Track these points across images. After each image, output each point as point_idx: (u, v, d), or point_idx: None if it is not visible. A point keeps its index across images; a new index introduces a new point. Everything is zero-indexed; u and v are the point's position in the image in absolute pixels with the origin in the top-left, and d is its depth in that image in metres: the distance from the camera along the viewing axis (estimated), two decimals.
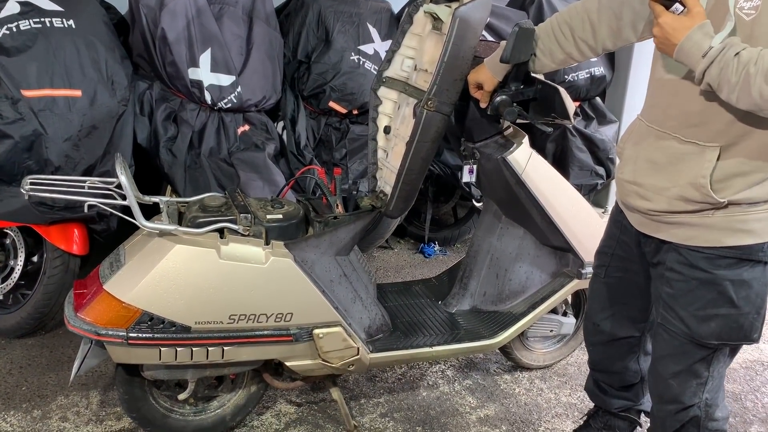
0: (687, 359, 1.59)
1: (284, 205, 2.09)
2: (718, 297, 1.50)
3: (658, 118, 1.54)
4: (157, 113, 2.88)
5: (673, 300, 1.56)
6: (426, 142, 1.96)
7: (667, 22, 1.37)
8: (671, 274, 1.56)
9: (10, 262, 2.67)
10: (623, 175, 1.63)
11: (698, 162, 1.44)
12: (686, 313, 1.54)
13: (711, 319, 1.52)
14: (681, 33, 1.35)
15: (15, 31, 2.41)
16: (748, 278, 1.48)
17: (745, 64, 1.26)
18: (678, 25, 1.36)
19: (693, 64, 1.35)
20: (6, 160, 2.37)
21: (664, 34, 1.38)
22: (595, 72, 3.61)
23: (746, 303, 1.50)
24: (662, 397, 1.69)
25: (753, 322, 1.53)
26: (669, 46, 1.38)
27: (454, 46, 1.86)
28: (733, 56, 1.28)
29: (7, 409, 2.27)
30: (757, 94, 1.26)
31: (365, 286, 2.17)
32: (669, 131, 1.50)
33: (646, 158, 1.56)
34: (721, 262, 1.48)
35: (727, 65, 1.28)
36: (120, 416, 2.25)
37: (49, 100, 2.41)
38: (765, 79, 1.24)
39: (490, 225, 2.45)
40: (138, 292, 1.81)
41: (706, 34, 1.33)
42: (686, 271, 1.53)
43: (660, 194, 1.52)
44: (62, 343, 2.68)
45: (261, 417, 2.31)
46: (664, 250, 1.58)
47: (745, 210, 1.44)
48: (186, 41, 2.83)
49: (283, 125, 3.29)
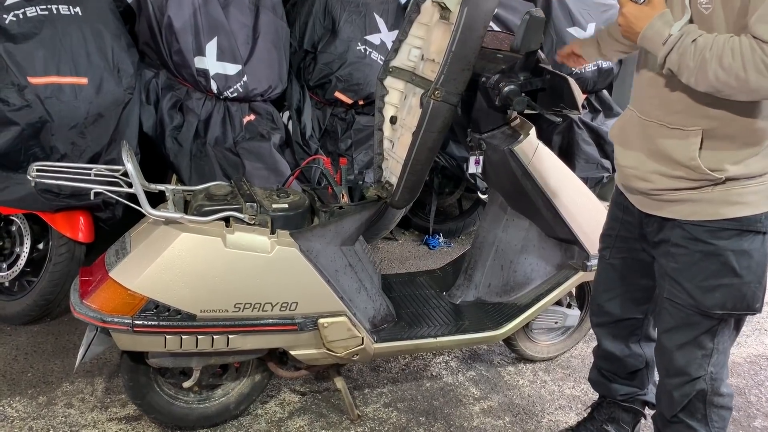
0: (693, 330, 1.66)
1: (290, 195, 2.09)
2: (721, 267, 1.57)
3: (645, 109, 1.64)
4: (163, 102, 2.87)
5: (678, 273, 1.64)
6: (432, 133, 1.95)
7: (630, 12, 1.49)
8: (676, 249, 1.63)
9: (16, 249, 2.68)
10: (622, 161, 1.72)
11: (685, 145, 1.54)
12: (691, 285, 1.61)
13: (715, 290, 1.59)
14: (643, 21, 1.46)
15: (22, 17, 2.40)
16: (748, 248, 1.56)
17: (701, 50, 1.36)
18: (640, 14, 1.47)
19: (655, 50, 1.46)
20: (12, 147, 2.37)
21: (628, 23, 1.49)
22: (603, 64, 3.59)
23: (748, 272, 1.57)
24: (668, 370, 1.74)
25: (755, 291, 1.60)
26: (633, 34, 1.49)
27: (462, 36, 1.85)
28: (691, 42, 1.38)
29: (12, 395, 2.28)
30: (713, 77, 1.35)
31: (370, 276, 2.17)
32: (656, 120, 1.60)
33: (641, 146, 1.65)
34: (723, 234, 1.56)
35: (686, 51, 1.39)
36: (125, 403, 2.26)
37: (55, 87, 2.40)
38: (719, 63, 1.34)
39: (495, 216, 2.45)
40: (143, 279, 1.82)
41: (666, 23, 1.43)
42: (690, 244, 1.60)
43: (661, 175, 1.60)
44: (67, 330, 2.69)
45: (265, 406, 2.32)
46: (668, 228, 1.65)
47: (743, 184, 1.52)
48: (192, 30, 2.82)
49: (289, 115, 3.28)
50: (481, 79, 2.11)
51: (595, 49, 2.04)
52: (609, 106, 3.80)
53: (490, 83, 2.07)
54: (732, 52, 1.33)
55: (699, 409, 1.72)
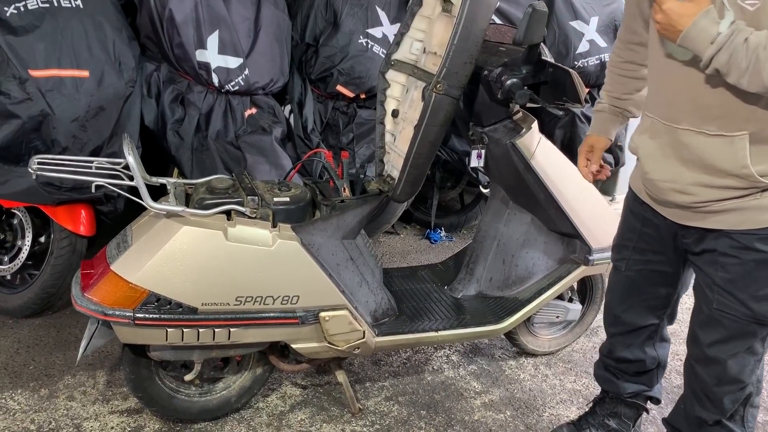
0: (747, 339, 1.61)
1: (291, 188, 2.09)
2: None
3: (675, 116, 1.53)
4: (164, 95, 2.87)
5: (730, 284, 1.58)
6: (434, 126, 1.95)
7: (672, 8, 1.39)
8: (726, 259, 1.57)
9: (18, 242, 2.68)
10: (655, 174, 1.61)
11: (732, 152, 1.45)
12: (746, 295, 1.56)
13: None
14: (687, 19, 1.36)
15: (23, 10, 2.40)
16: None
17: (754, 49, 1.30)
18: (683, 11, 1.37)
19: (700, 50, 1.37)
20: (13, 140, 2.37)
21: (669, 20, 1.39)
22: (605, 58, 3.58)
23: None
24: (721, 379, 1.69)
25: None
26: (674, 33, 1.40)
27: (465, 29, 1.84)
28: (743, 41, 1.31)
29: (14, 387, 2.29)
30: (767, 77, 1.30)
31: (371, 270, 2.17)
32: (691, 127, 1.50)
33: (674, 156, 1.55)
34: None
35: (737, 50, 1.31)
36: (126, 396, 2.26)
37: (56, 80, 2.40)
38: None
39: (497, 210, 2.44)
40: (145, 272, 1.82)
41: (712, 20, 1.35)
42: (741, 254, 1.54)
43: (703, 186, 1.52)
44: (69, 323, 2.69)
45: (266, 399, 2.33)
46: (712, 238, 1.59)
47: None
48: (194, 23, 2.81)
49: (290, 109, 3.28)
50: (483, 72, 2.11)
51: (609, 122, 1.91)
52: None
53: (493, 76, 2.07)
54: None
55: (739, 411, 1.72)
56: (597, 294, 2.65)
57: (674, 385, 2.59)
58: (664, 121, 1.56)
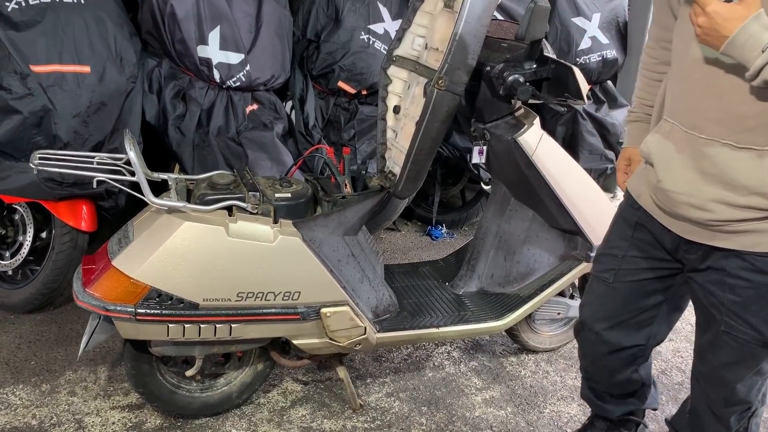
0: (756, 362, 1.53)
1: (293, 184, 2.09)
2: None
3: (699, 124, 1.39)
4: (165, 91, 2.87)
5: (741, 308, 1.47)
6: (436, 122, 1.94)
7: (717, 12, 1.23)
8: (736, 281, 1.45)
9: (19, 237, 2.68)
10: (668, 185, 1.47)
11: (759, 168, 1.33)
12: (758, 320, 1.46)
13: None
14: (734, 24, 1.21)
15: (24, 5, 2.39)
16: None
17: None
18: (730, 14, 1.22)
19: (749, 58, 1.22)
20: (15, 135, 2.37)
21: (713, 25, 1.24)
22: (607, 55, 3.57)
23: None
24: (728, 400, 1.62)
25: None
26: (718, 39, 1.24)
27: (467, 25, 1.83)
28: None
29: (16, 383, 2.29)
30: None
31: (373, 266, 2.17)
32: (717, 138, 1.36)
33: (693, 167, 1.41)
34: None
35: None
36: (127, 392, 2.27)
37: (58, 75, 2.40)
38: None
39: (498, 207, 2.44)
40: (146, 268, 1.82)
41: (763, 26, 1.20)
42: (755, 277, 1.43)
43: (723, 204, 1.39)
44: (70, 318, 2.69)
45: (267, 395, 2.33)
46: (720, 257, 1.47)
47: None
48: (195, 18, 2.81)
49: (292, 105, 3.27)
50: (485, 68, 2.10)
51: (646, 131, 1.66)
52: (613, 97, 3.78)
53: (494, 72, 2.06)
54: None
55: (743, 425, 1.67)
56: None
57: (675, 382, 2.59)
58: (687, 129, 1.42)
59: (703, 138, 1.38)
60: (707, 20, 1.25)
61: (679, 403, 2.44)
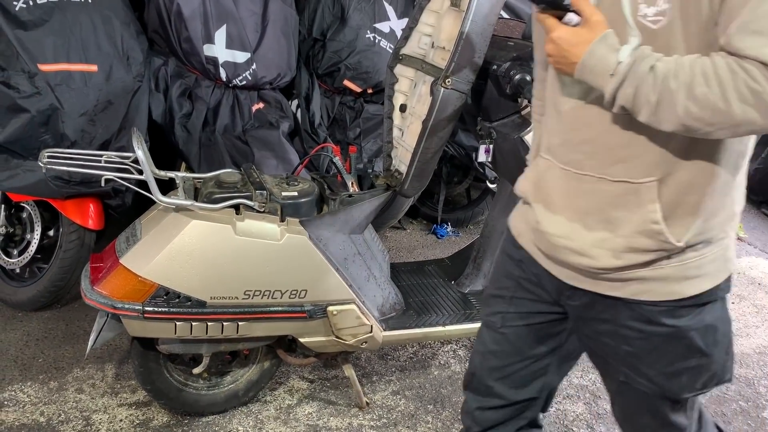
0: (660, 414, 1.37)
1: (299, 183, 2.09)
2: (686, 350, 1.27)
3: (573, 158, 1.24)
4: (172, 90, 2.88)
5: (636, 359, 1.31)
6: (442, 121, 1.95)
7: (561, 37, 1.13)
8: (627, 332, 1.29)
9: (27, 235, 2.70)
10: (543, 225, 1.31)
11: (638, 204, 1.17)
12: (653, 372, 1.30)
13: (681, 374, 1.29)
14: (580, 48, 1.10)
15: (32, 4, 2.40)
16: (712, 321, 1.26)
17: (663, 78, 1.02)
18: (576, 39, 1.11)
19: (601, 84, 1.10)
20: (23, 134, 2.38)
21: (561, 52, 1.14)
22: None
23: (716, 348, 1.28)
24: None
25: (724, 364, 1.32)
26: (568, 66, 1.14)
27: (473, 24, 1.84)
28: (648, 70, 1.04)
29: (24, 380, 2.30)
30: (683, 113, 1.01)
31: (379, 264, 2.17)
32: (591, 173, 1.21)
33: (572, 207, 1.26)
34: (683, 312, 1.24)
35: (643, 82, 1.04)
36: (135, 389, 2.28)
37: (65, 74, 2.41)
38: (689, 94, 1.00)
39: (504, 205, 2.44)
40: (154, 266, 1.83)
41: (610, 47, 1.08)
42: (645, 327, 1.26)
43: (603, 249, 1.22)
44: (78, 316, 2.71)
45: (274, 392, 2.33)
46: (608, 305, 1.29)
47: (702, 253, 1.20)
48: (201, 17, 2.82)
49: (298, 103, 3.28)
50: (491, 67, 2.10)
51: None
52: None
53: (501, 71, 2.06)
54: (705, 78, 0.99)
55: None
56: None
57: None
58: (563, 165, 1.26)
59: (579, 173, 1.23)
60: (555, 47, 1.15)
61: None
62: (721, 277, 1.23)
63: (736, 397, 2.50)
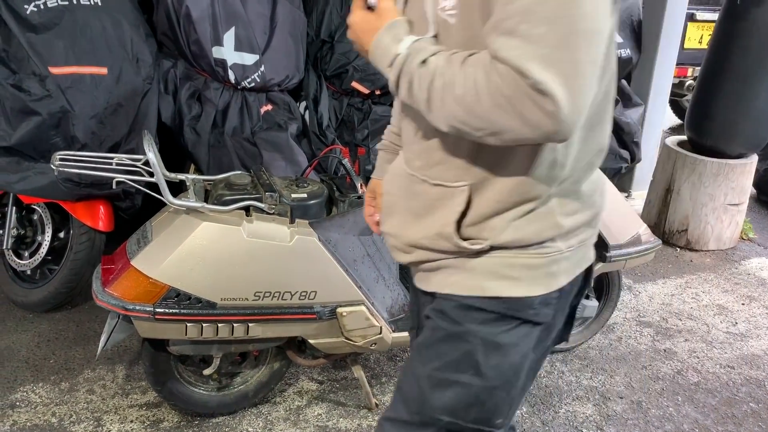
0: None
1: (309, 185, 2.10)
2: (461, 358, 1.11)
3: (409, 158, 1.17)
4: (181, 92, 2.89)
5: (415, 353, 1.18)
6: None
7: (355, 22, 1.06)
8: (425, 322, 1.18)
9: (38, 237, 2.72)
10: (382, 225, 1.26)
11: (449, 208, 1.08)
12: (424, 371, 1.14)
13: (449, 386, 1.12)
14: (369, 35, 1.04)
15: (42, 8, 2.42)
16: (504, 342, 1.10)
17: (431, 76, 0.94)
18: (366, 26, 1.04)
19: (387, 75, 1.03)
20: (34, 136, 2.40)
21: (355, 37, 1.07)
22: (622, 54, 3.56)
23: (495, 374, 1.11)
24: None
25: (498, 401, 1.13)
26: (363, 53, 1.07)
27: None
28: (419, 65, 0.96)
29: (35, 381, 2.32)
30: (449, 114, 0.93)
31: (388, 266, 2.17)
32: (417, 173, 1.13)
33: (406, 207, 1.18)
34: (477, 314, 1.10)
35: (414, 77, 0.96)
36: (145, 390, 2.29)
37: (76, 77, 2.43)
38: (452, 95, 0.91)
39: None
40: (165, 268, 1.83)
41: (394, 38, 1.01)
42: (436, 318, 1.15)
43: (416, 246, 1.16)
44: (88, 317, 2.72)
45: (283, 394, 2.34)
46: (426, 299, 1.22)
47: (515, 253, 1.07)
48: (210, 19, 2.83)
49: (306, 105, 3.29)
50: None
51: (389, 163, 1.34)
52: (628, 96, 3.77)
53: None
54: (465, 78, 0.89)
55: None
56: (614, 291, 2.65)
57: (691, 383, 2.58)
58: (404, 164, 1.18)
59: (411, 174, 1.15)
60: (351, 32, 1.08)
61: (695, 403, 2.44)
62: (537, 290, 1.08)
63: (746, 399, 2.49)
